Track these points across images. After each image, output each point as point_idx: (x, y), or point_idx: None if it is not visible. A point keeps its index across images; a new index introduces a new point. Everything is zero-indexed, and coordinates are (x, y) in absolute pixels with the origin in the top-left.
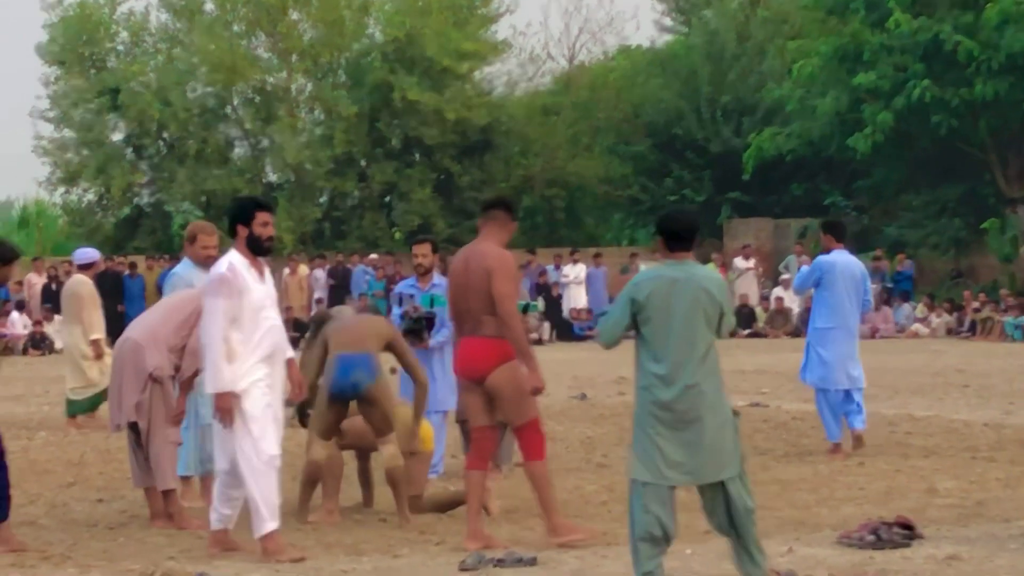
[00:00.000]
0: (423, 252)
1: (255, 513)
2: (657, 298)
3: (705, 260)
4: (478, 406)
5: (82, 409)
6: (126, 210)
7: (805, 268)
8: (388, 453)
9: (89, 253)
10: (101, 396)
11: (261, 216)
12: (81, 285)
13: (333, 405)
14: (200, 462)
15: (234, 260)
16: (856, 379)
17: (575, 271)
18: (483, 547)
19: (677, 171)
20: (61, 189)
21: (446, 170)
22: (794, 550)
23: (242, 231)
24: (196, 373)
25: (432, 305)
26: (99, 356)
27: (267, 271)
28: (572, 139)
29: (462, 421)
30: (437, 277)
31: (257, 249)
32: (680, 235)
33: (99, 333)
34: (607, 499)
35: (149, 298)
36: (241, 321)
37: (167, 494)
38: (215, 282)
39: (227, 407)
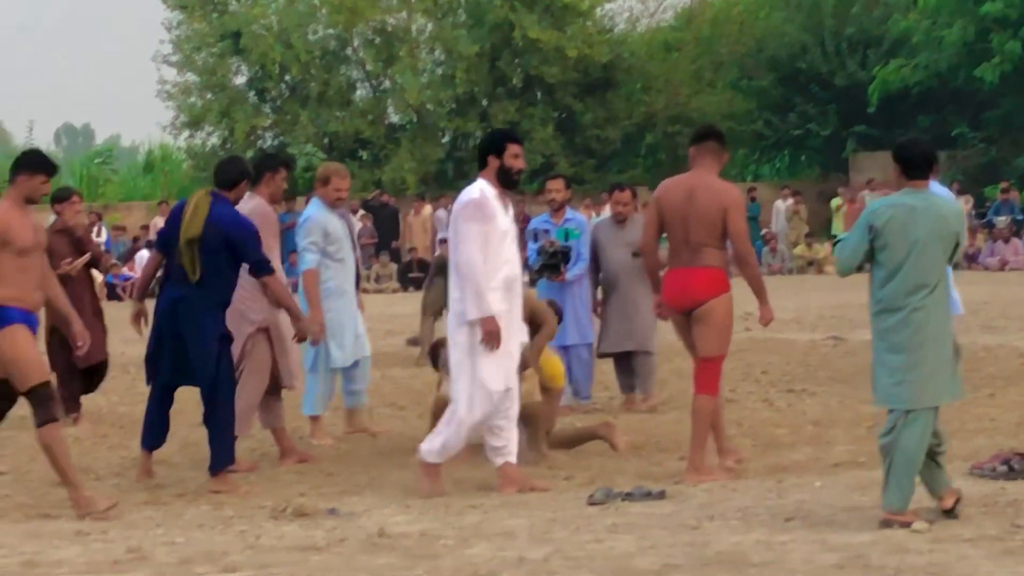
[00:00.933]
0: (556, 187)
1: (439, 438)
2: (895, 225)
3: (833, 194)
4: (692, 342)
5: None
6: (249, 153)
7: None
8: (523, 389)
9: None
10: None
11: (512, 148)
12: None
13: None
14: (350, 394)
15: (484, 188)
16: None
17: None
18: (702, 480)
19: (801, 105)
20: (185, 133)
21: (568, 108)
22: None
23: (493, 162)
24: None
25: (567, 239)
26: None
27: (511, 205)
28: (695, 75)
29: (602, 354)
30: (570, 212)
31: (506, 181)
32: (918, 163)
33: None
34: (735, 433)
35: None
36: (486, 249)
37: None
38: (469, 206)
39: (494, 330)
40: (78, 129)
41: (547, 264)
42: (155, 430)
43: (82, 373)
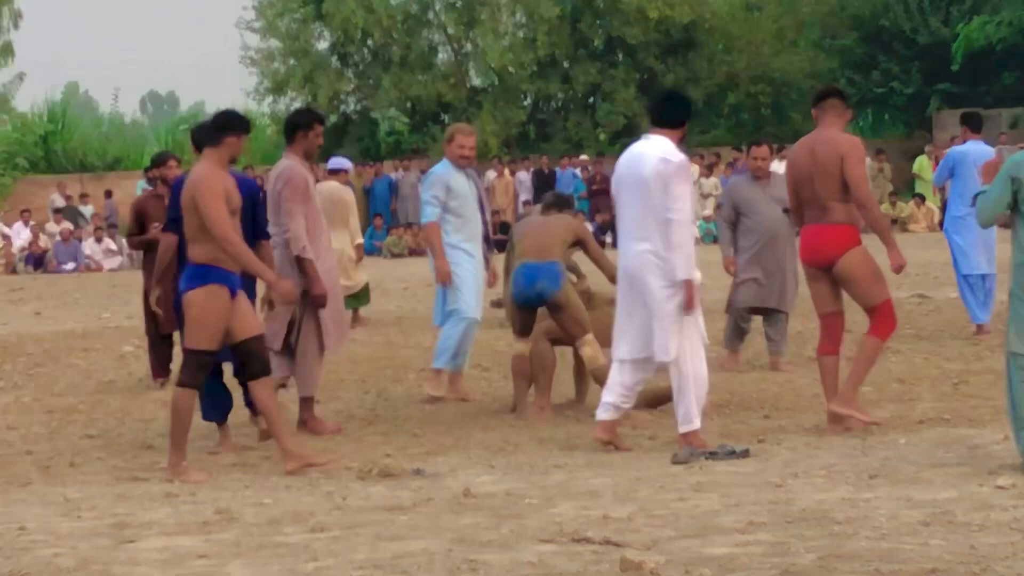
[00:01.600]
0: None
1: (683, 407)
2: None
3: (918, 152)
4: (825, 293)
5: (357, 302)
6: (333, 118)
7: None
8: (587, 355)
9: (342, 161)
10: (361, 296)
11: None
12: (344, 191)
13: (520, 311)
14: (453, 357)
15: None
16: (990, 263)
17: (782, 167)
18: (842, 430)
19: (884, 63)
20: (269, 98)
21: (650, 69)
22: (1009, 438)
23: (684, 129)
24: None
25: None
26: (360, 259)
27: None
28: (776, 34)
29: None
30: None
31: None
32: None
33: (360, 238)
34: (818, 392)
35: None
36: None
37: (306, 401)
38: (683, 168)
39: (695, 294)
40: (163, 96)
41: None
42: (215, 402)
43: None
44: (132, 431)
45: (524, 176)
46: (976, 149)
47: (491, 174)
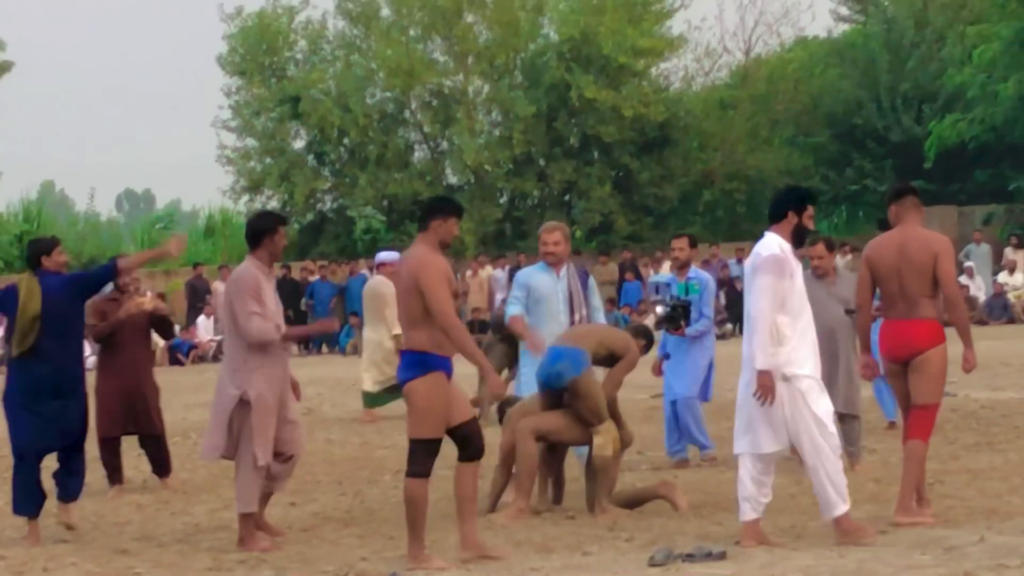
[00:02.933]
0: (680, 246)
1: (824, 496)
2: None
3: None
4: (906, 391)
5: (382, 402)
6: (309, 216)
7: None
8: (597, 442)
9: (390, 255)
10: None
11: (811, 209)
12: (384, 285)
13: (543, 393)
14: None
15: (783, 244)
16: None
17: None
18: (913, 523)
19: (858, 161)
20: (245, 197)
21: (625, 167)
22: (985, 539)
23: (792, 219)
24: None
25: (687, 293)
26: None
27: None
28: (751, 132)
29: None
30: (694, 269)
31: (798, 240)
32: None
33: (398, 329)
34: (794, 492)
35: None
36: (789, 304)
37: (243, 518)
38: (770, 261)
39: (770, 385)
40: (139, 194)
41: (666, 317)
42: (30, 496)
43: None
44: (106, 535)
45: (500, 274)
46: None
47: (467, 272)
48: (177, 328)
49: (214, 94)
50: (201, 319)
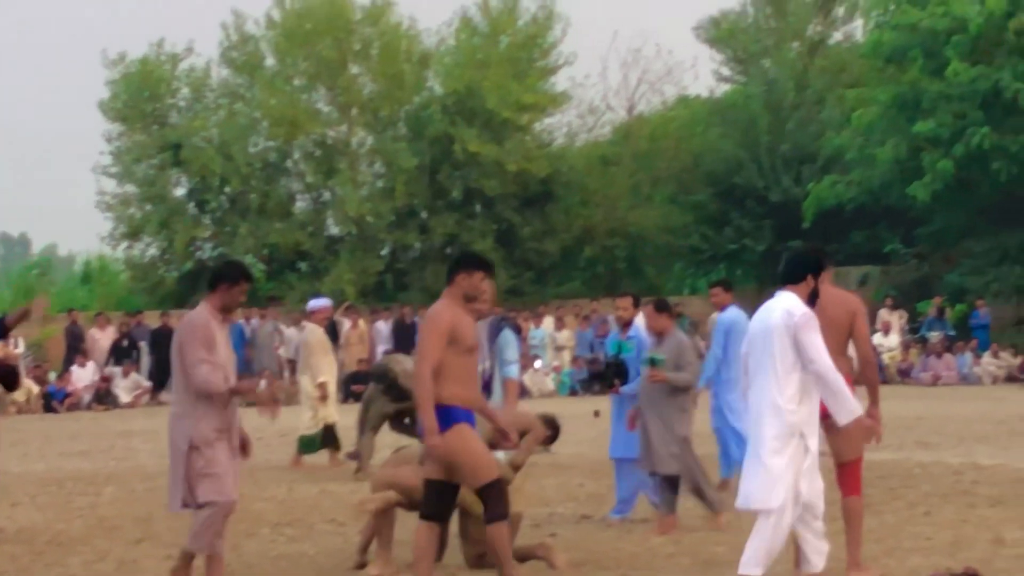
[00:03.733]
0: (624, 305)
1: (752, 550)
2: None
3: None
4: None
5: (309, 448)
6: (188, 264)
7: None
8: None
9: (320, 302)
10: (322, 437)
11: (827, 272)
12: (310, 333)
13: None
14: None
15: (802, 304)
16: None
17: (637, 321)
18: None
19: (737, 220)
20: (124, 244)
21: (507, 221)
22: None
23: (810, 282)
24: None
25: (621, 352)
26: (323, 398)
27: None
28: (632, 189)
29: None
30: (635, 328)
31: (811, 302)
32: None
33: (324, 376)
34: (673, 551)
35: None
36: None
37: (184, 554)
38: (810, 317)
39: (871, 427)
40: (15, 238)
41: (597, 374)
42: None
43: None
44: None
45: (382, 326)
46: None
47: (345, 323)
48: (52, 375)
49: (95, 140)
50: (75, 368)
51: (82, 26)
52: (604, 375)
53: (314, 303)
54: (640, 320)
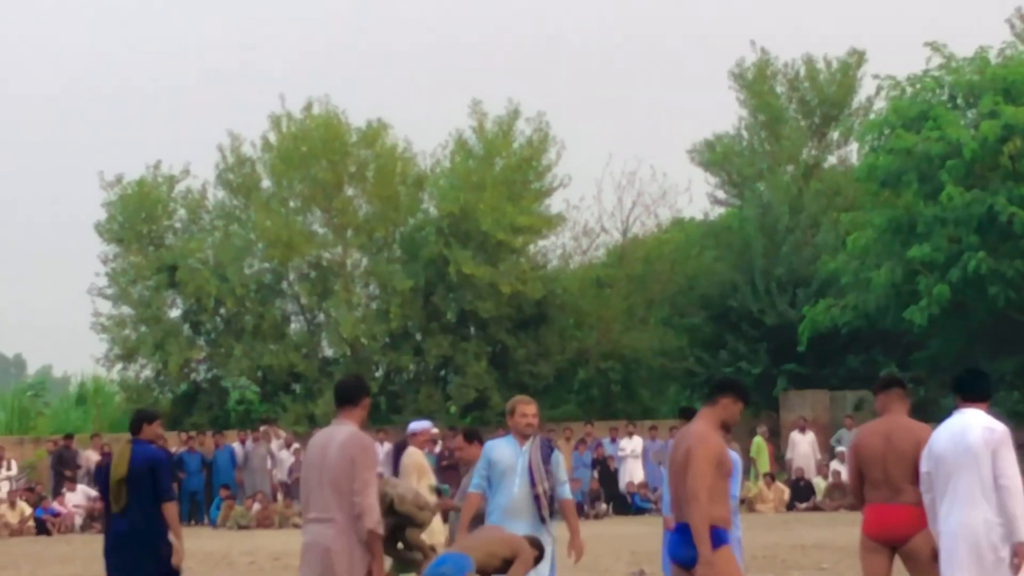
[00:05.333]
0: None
1: None
2: None
3: (752, 434)
4: (882, 567)
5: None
6: (183, 386)
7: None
8: None
9: (421, 424)
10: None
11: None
12: (407, 455)
13: None
14: None
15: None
16: None
17: (632, 444)
18: None
19: (732, 343)
20: (119, 365)
21: (501, 343)
22: None
23: (987, 401)
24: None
25: None
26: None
27: None
28: (627, 311)
29: None
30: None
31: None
32: None
33: None
34: None
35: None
36: None
37: None
38: (1005, 435)
39: None
40: (9, 359)
41: None
42: None
43: None
44: None
45: (380, 449)
46: None
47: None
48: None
49: (90, 261)
50: (67, 492)
51: (79, 148)
52: None
53: (415, 425)
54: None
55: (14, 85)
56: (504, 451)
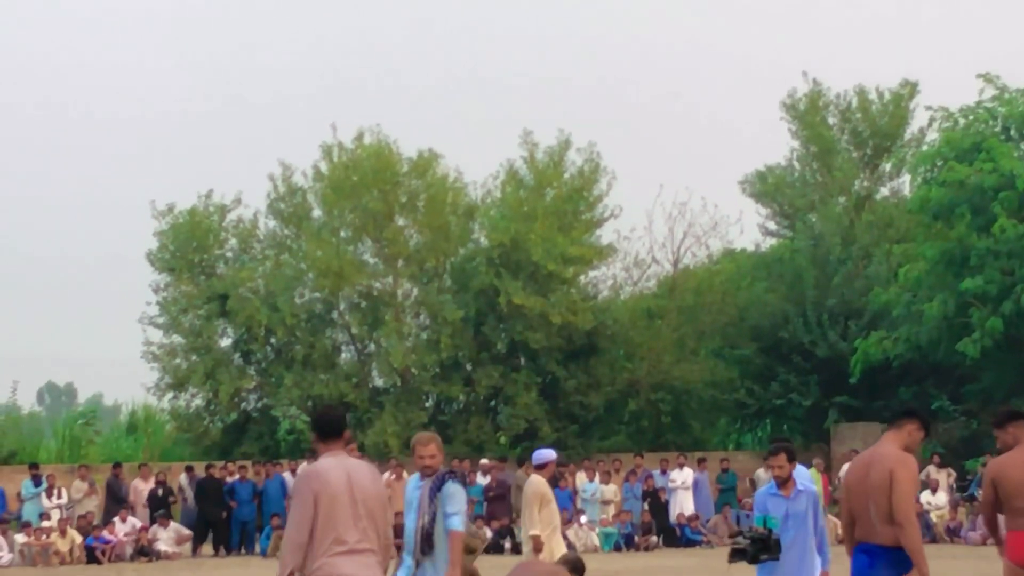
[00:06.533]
0: (779, 463)
1: None
2: None
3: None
4: None
5: None
6: (233, 415)
7: None
8: None
9: (543, 454)
10: None
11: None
12: (529, 484)
13: None
14: None
15: None
16: None
17: (682, 476)
18: None
19: (783, 375)
20: (169, 394)
21: (551, 374)
22: None
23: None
24: None
25: (765, 525)
26: (538, 550)
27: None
28: (677, 342)
29: None
30: (802, 483)
31: None
32: None
33: (535, 530)
34: None
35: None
36: None
37: None
38: None
39: None
40: (61, 388)
41: (738, 551)
42: None
43: None
44: None
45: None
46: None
47: (388, 475)
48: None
49: (142, 290)
50: (117, 520)
51: (131, 178)
52: (744, 551)
53: (540, 454)
54: (804, 473)
55: (68, 115)
56: (410, 487)
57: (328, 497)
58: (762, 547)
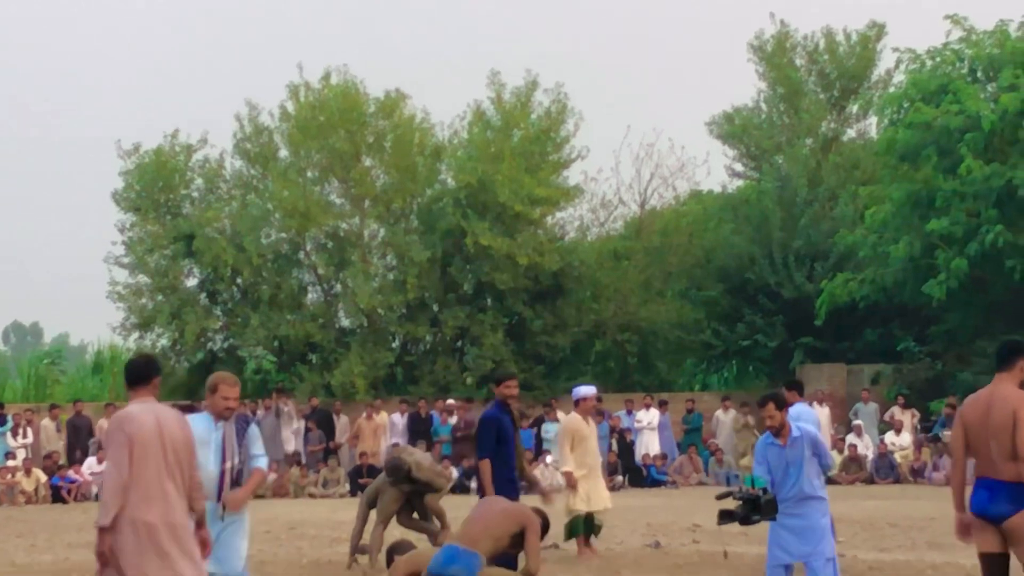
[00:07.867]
0: (770, 413)
1: None
2: None
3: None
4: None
5: (572, 531)
6: (199, 355)
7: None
8: None
9: (587, 390)
10: (579, 523)
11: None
12: (565, 421)
13: None
14: None
15: None
16: None
17: (648, 416)
18: None
19: (749, 316)
20: (135, 334)
21: (518, 315)
22: None
23: None
24: None
25: (754, 486)
26: (571, 486)
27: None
28: (644, 284)
29: None
30: (797, 428)
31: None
32: None
33: (569, 466)
34: None
35: None
36: None
37: None
38: None
39: None
40: (26, 327)
41: (728, 513)
42: None
43: None
44: None
45: (396, 418)
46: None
47: (362, 416)
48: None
49: (107, 230)
50: (90, 459)
51: (97, 118)
52: (733, 514)
53: (581, 391)
54: (801, 410)
55: (32, 56)
56: (198, 427)
57: (141, 441)
58: (753, 508)
